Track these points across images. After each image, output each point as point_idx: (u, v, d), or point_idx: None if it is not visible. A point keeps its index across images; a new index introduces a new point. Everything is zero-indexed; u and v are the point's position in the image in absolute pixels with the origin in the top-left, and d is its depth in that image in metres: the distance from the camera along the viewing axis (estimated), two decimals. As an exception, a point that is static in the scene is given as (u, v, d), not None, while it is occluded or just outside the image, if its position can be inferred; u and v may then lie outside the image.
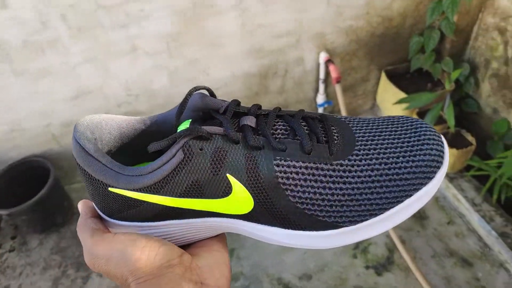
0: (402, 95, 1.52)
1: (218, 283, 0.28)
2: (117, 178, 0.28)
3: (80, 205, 0.33)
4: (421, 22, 1.57)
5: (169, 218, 0.30)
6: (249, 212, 0.29)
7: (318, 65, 1.54)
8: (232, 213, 0.30)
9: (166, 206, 0.29)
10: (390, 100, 1.59)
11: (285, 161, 0.28)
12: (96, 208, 0.32)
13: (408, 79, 1.67)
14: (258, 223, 0.30)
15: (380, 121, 0.32)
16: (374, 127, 0.31)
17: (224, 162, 0.28)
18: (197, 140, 0.27)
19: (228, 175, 0.28)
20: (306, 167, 0.28)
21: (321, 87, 1.58)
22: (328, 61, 1.47)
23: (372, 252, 1.37)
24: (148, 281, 0.26)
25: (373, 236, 0.29)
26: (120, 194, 0.29)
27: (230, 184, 0.28)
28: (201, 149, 0.27)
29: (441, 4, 1.42)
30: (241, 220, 0.31)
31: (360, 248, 1.38)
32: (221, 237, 0.34)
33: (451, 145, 1.42)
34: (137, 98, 1.40)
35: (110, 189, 0.29)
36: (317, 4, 1.35)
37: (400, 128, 0.31)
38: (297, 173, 0.28)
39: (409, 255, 1.32)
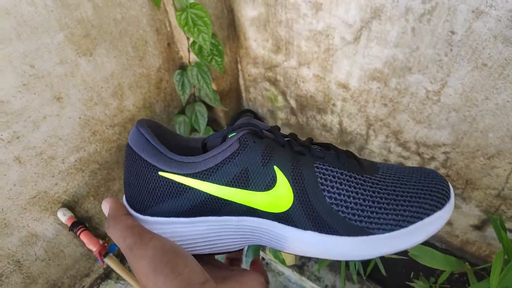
0: None
1: None
2: (170, 163, 0.29)
3: (110, 201, 0.31)
4: (176, 99, 1.14)
5: (206, 213, 0.30)
6: (286, 211, 0.30)
7: (67, 226, 1.00)
8: (270, 211, 0.30)
9: (210, 196, 0.29)
10: None
11: (323, 165, 0.31)
12: (127, 204, 0.32)
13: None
14: (294, 226, 0.30)
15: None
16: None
17: (273, 156, 0.30)
18: (252, 135, 0.30)
19: (275, 166, 0.30)
20: (341, 173, 0.31)
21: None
22: (75, 226, 0.94)
23: None
24: None
25: (398, 250, 0.30)
26: (168, 179, 0.29)
27: (276, 176, 0.30)
28: (254, 142, 0.30)
29: (187, 75, 1.00)
30: (277, 223, 0.31)
31: None
32: (257, 274, 0.30)
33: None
34: None
35: (160, 173, 0.29)
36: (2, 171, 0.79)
37: (410, 168, 0.35)
38: (333, 176, 0.31)
39: None
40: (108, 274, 1.26)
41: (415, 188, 0.32)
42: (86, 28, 0.80)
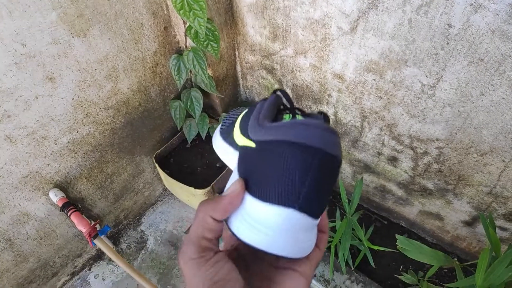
0: (179, 184, 1.11)
1: None
2: None
3: (240, 185, 0.27)
4: (171, 84, 1.13)
5: None
6: None
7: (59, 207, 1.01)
8: None
9: None
10: (175, 188, 1.19)
11: None
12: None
13: (191, 150, 1.26)
14: None
15: None
16: None
17: None
18: None
19: None
20: None
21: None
22: (66, 207, 0.94)
23: None
24: None
25: None
26: None
27: None
28: None
29: (183, 59, 0.99)
30: None
31: None
32: (298, 278, 0.29)
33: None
34: None
35: None
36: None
37: None
38: None
39: None
40: (100, 255, 1.27)
41: None
42: (80, 8, 0.79)
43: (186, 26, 0.92)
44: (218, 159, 1.24)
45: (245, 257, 0.31)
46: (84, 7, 0.80)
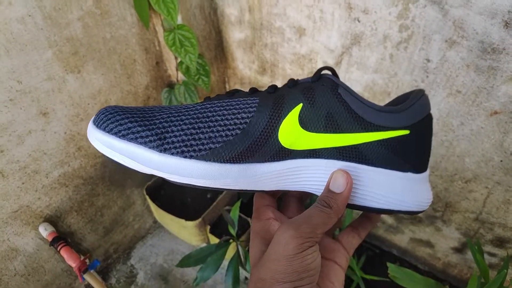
0: (170, 216, 1.12)
1: None
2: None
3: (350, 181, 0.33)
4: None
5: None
6: None
7: (48, 241, 0.99)
8: None
9: None
10: (165, 220, 1.19)
11: None
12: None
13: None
14: None
15: None
16: None
17: None
18: None
19: None
20: None
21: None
22: (56, 241, 0.93)
23: None
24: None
25: None
26: None
27: None
28: None
29: (175, 93, 1.02)
30: None
31: None
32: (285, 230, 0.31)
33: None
34: None
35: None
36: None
37: None
38: None
39: None
40: (89, 291, 1.24)
41: None
42: (75, 46, 0.82)
43: (178, 61, 0.95)
44: (209, 190, 1.24)
45: None
46: (79, 45, 0.83)
